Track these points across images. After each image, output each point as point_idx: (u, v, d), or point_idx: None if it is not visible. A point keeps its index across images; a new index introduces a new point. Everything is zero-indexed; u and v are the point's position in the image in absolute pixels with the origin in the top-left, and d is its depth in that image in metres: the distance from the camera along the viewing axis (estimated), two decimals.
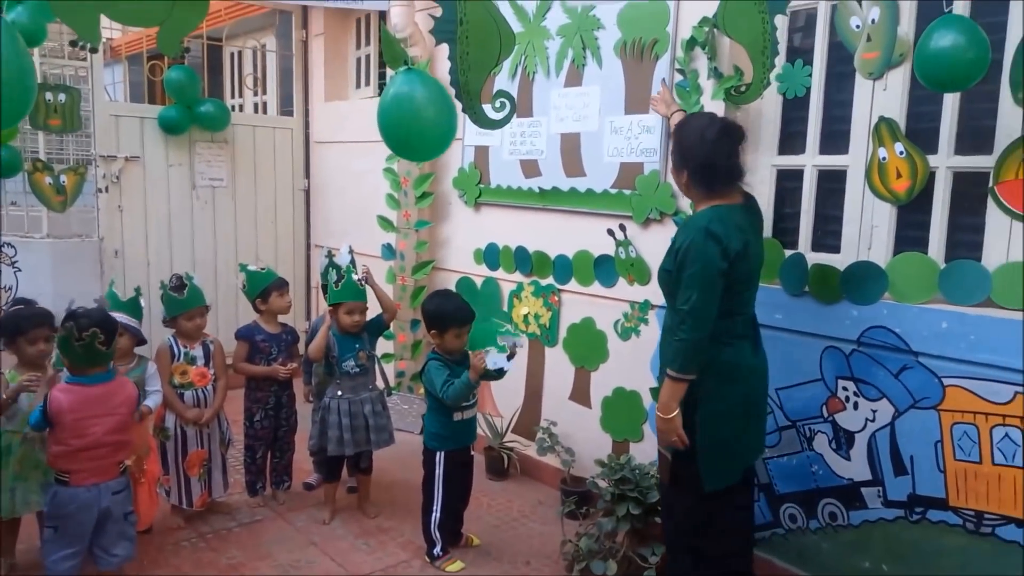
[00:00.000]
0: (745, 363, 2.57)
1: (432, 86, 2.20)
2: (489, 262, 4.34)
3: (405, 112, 2.18)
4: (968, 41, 2.26)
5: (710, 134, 2.51)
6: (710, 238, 2.42)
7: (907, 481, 2.70)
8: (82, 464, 2.68)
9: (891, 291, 2.71)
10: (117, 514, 2.78)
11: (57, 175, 4.63)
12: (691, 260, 2.42)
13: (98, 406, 2.68)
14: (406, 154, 2.41)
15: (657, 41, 3.37)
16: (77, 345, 2.61)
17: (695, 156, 2.53)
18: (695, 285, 2.40)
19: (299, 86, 5.90)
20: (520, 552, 3.37)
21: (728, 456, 2.56)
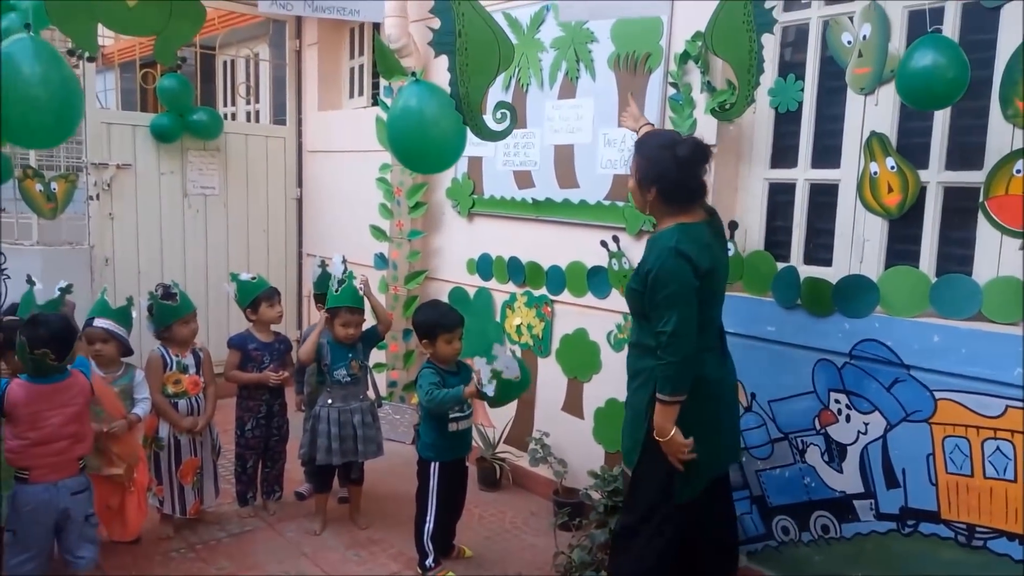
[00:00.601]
0: (711, 376, 2.55)
1: (442, 97, 2.21)
2: (482, 272, 4.35)
3: (417, 124, 2.19)
4: (949, 61, 2.30)
5: (682, 152, 2.47)
6: (681, 258, 2.41)
7: (899, 494, 2.71)
8: (41, 460, 2.70)
9: (883, 304, 2.73)
10: (77, 516, 2.79)
11: (48, 182, 4.59)
12: (664, 282, 2.41)
13: (54, 398, 2.72)
14: (417, 166, 2.40)
15: (650, 55, 3.39)
16: (29, 358, 2.65)
17: (665, 174, 2.49)
18: (673, 306, 2.39)
19: (292, 95, 5.89)
20: (512, 564, 3.36)
21: (693, 468, 2.52)
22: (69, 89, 1.91)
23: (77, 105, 2.00)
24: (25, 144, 3.29)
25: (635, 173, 2.60)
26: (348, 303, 3.45)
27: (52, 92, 1.92)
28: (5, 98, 1.86)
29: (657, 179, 2.52)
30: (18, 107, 1.88)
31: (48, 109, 1.93)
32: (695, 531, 2.64)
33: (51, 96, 1.92)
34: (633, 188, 2.64)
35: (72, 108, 2.00)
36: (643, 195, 2.57)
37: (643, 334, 2.56)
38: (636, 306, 2.59)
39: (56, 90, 1.91)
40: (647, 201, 2.58)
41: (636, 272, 2.57)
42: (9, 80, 1.86)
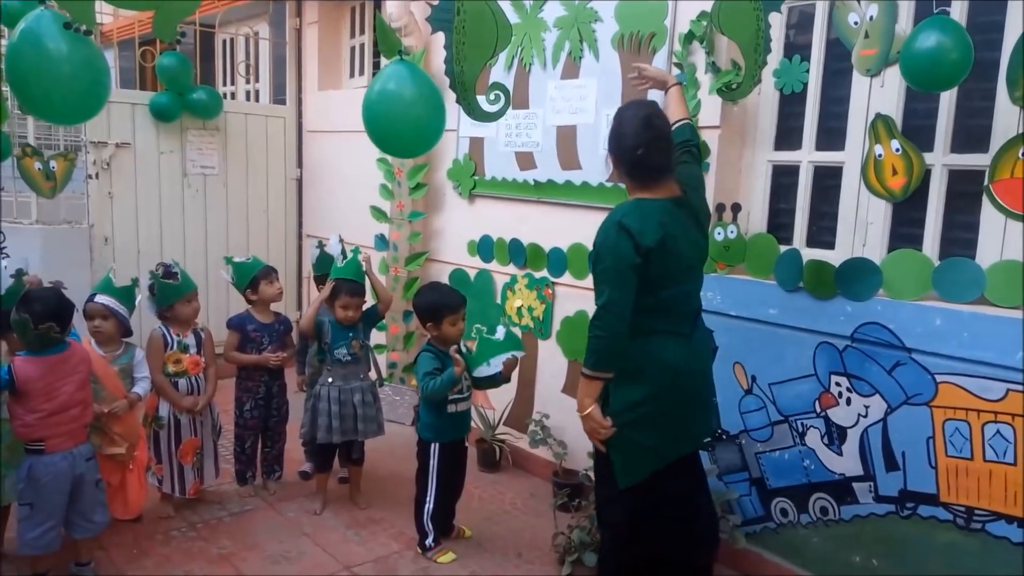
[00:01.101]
0: (669, 361, 2.44)
1: (421, 81, 2.18)
2: (483, 254, 4.33)
3: (390, 108, 2.17)
4: (952, 42, 2.27)
5: (632, 125, 2.40)
6: (622, 231, 2.33)
7: (899, 477, 2.71)
8: (56, 429, 2.75)
9: (885, 287, 2.72)
10: (91, 480, 2.86)
11: (47, 161, 4.57)
12: (603, 255, 2.37)
13: (62, 368, 2.77)
14: (390, 150, 2.38)
15: (655, 35, 3.36)
16: (34, 334, 2.68)
17: (620, 146, 2.44)
18: (608, 280, 2.36)
19: (292, 74, 5.85)
20: (512, 544, 3.37)
21: (637, 453, 2.48)
22: (96, 66, 1.91)
23: (104, 81, 1.99)
24: (53, 119, 3.27)
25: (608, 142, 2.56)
26: (351, 276, 3.45)
27: (77, 68, 1.92)
28: (31, 74, 1.86)
29: (613, 150, 2.48)
30: (44, 82, 1.88)
31: (75, 85, 1.93)
32: (651, 514, 2.56)
33: (76, 72, 1.92)
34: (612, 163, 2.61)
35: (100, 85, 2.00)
36: (617, 170, 2.53)
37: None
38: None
39: (82, 66, 1.91)
40: (619, 175, 2.54)
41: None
42: (33, 55, 1.86)
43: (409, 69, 2.23)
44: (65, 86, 1.94)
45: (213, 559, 3.16)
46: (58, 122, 3.97)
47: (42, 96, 1.96)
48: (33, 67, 1.90)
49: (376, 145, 2.45)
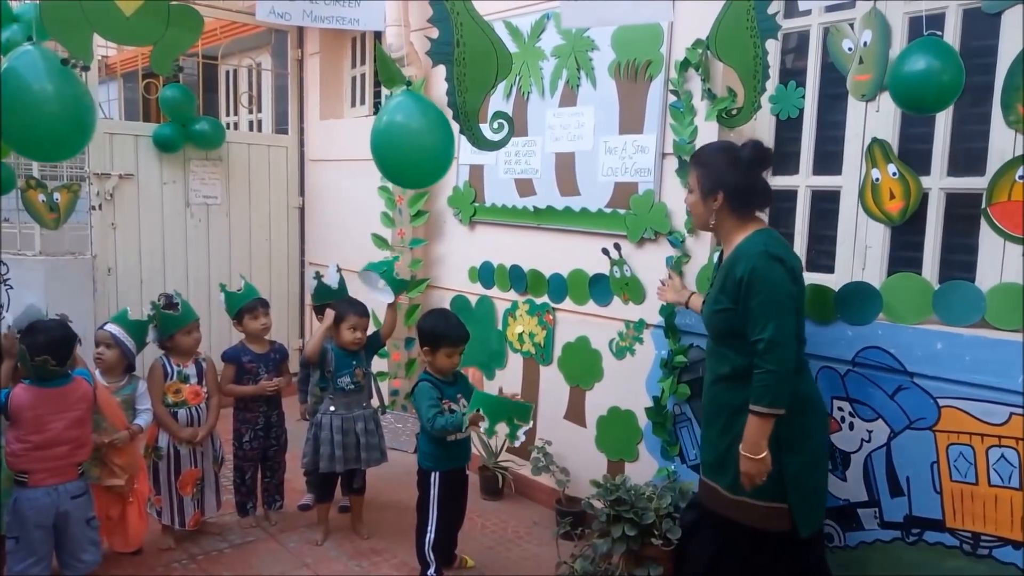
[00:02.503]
0: (816, 392, 2.51)
1: (430, 111, 2.20)
2: (484, 280, 4.34)
3: (400, 139, 2.18)
4: (943, 64, 2.27)
5: (745, 154, 2.46)
6: (774, 260, 2.33)
7: (903, 502, 2.69)
8: (41, 464, 2.74)
9: (886, 311, 2.71)
10: (78, 518, 2.84)
11: (50, 192, 4.60)
12: (758, 287, 2.31)
13: (57, 403, 2.76)
14: (400, 181, 2.39)
15: (651, 62, 3.39)
16: (32, 365, 2.69)
17: (730, 177, 2.45)
18: (769, 313, 2.29)
19: (294, 104, 5.91)
20: (515, 573, 3.34)
21: (819, 492, 2.50)
22: (82, 104, 1.92)
23: (90, 120, 2.00)
24: (37, 157, 3.30)
25: (697, 185, 2.52)
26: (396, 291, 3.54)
27: (65, 106, 1.93)
28: (15, 112, 1.87)
29: (722, 183, 2.45)
30: (28, 121, 1.89)
31: (61, 123, 1.94)
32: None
33: (64, 110, 1.93)
34: (694, 202, 2.55)
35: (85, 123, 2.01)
36: (707, 205, 2.49)
37: (737, 359, 2.43)
38: (726, 327, 2.46)
39: (69, 104, 1.92)
40: (712, 211, 2.49)
41: (721, 290, 2.45)
42: (16, 93, 1.87)
43: (416, 100, 2.25)
44: (48, 125, 1.94)
45: None
46: (39, 159, 4.02)
47: (24, 135, 1.96)
48: (16, 106, 1.90)
49: (385, 176, 2.46)
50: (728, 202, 2.47)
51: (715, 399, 2.57)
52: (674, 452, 3.41)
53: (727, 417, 2.49)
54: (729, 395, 2.48)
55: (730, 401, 2.48)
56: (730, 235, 2.51)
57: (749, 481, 2.38)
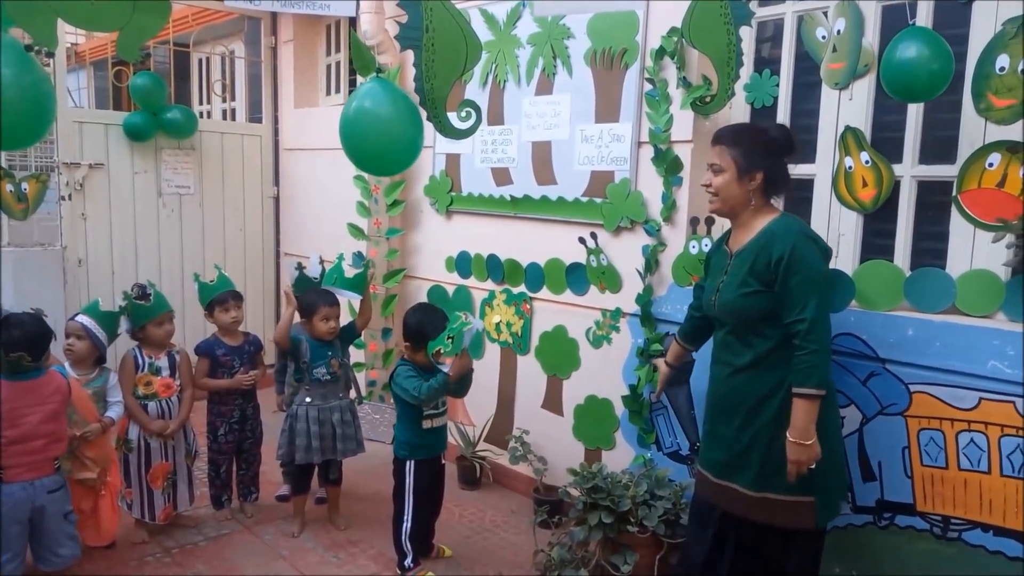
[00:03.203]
0: (833, 384, 2.47)
1: (399, 99, 2.17)
2: (461, 270, 4.32)
3: (368, 126, 2.15)
4: (932, 53, 2.31)
5: (778, 136, 2.45)
6: (811, 241, 2.35)
7: (875, 487, 2.72)
8: (16, 459, 2.69)
9: (858, 298, 2.74)
10: (54, 512, 2.79)
11: (19, 182, 4.52)
12: (798, 267, 2.28)
13: (30, 396, 2.71)
14: (368, 168, 2.36)
15: (627, 50, 3.38)
16: (5, 360, 2.65)
17: (767, 159, 2.42)
18: (810, 292, 2.26)
19: (268, 92, 5.84)
20: (493, 562, 3.34)
21: (841, 484, 2.50)
22: (41, 90, 1.87)
23: (50, 107, 1.95)
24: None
25: (732, 164, 2.42)
26: (357, 291, 3.51)
27: (24, 93, 1.88)
28: None
29: (761, 163, 2.40)
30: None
31: (19, 110, 1.89)
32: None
33: (23, 97, 1.88)
34: (726, 182, 2.44)
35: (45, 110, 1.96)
36: (744, 185, 2.42)
37: (761, 345, 2.40)
38: (757, 310, 2.39)
39: (28, 91, 1.87)
40: (748, 191, 2.42)
41: (750, 272, 2.38)
42: None
43: (385, 87, 2.21)
44: (7, 111, 1.89)
45: None
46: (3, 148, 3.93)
47: None
48: None
49: (354, 164, 2.43)
50: (764, 182, 2.42)
51: (733, 391, 2.48)
52: (650, 440, 3.43)
53: (750, 408, 2.43)
54: (751, 384, 2.43)
55: (753, 391, 2.42)
56: (752, 219, 2.46)
57: (796, 470, 2.31)
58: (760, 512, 2.45)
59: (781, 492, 2.39)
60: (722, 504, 2.56)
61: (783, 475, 2.35)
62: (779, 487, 2.39)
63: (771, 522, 2.45)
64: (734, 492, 2.50)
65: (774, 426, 2.38)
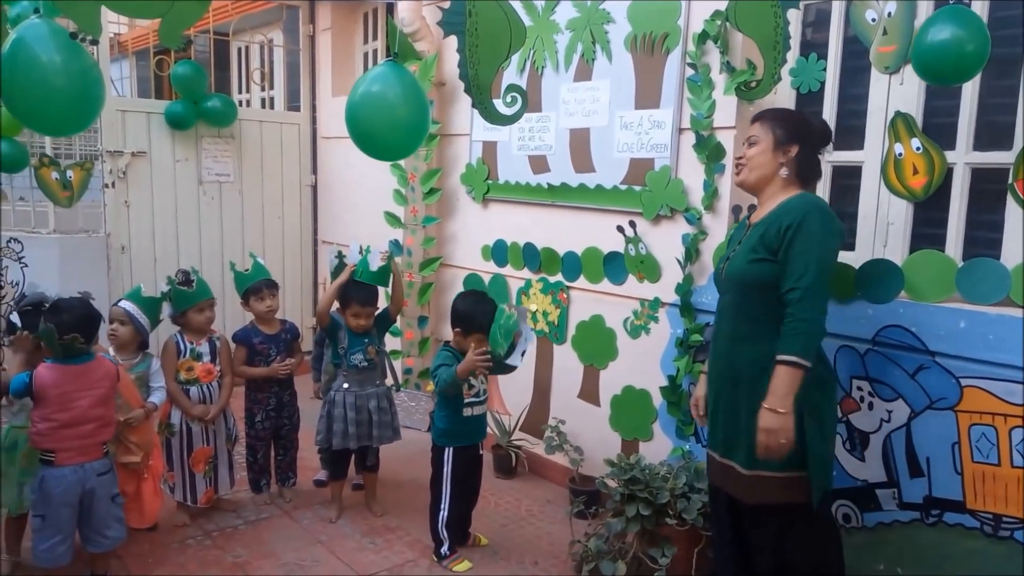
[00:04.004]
0: (831, 371, 2.45)
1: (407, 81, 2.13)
2: (497, 258, 4.30)
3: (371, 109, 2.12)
4: (968, 34, 2.20)
5: (817, 124, 2.49)
6: (826, 216, 2.29)
7: (923, 483, 2.65)
8: (68, 442, 2.72)
9: (908, 289, 2.65)
10: (103, 495, 2.82)
11: (63, 170, 4.61)
12: (805, 235, 2.24)
13: (80, 380, 2.74)
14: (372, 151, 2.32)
15: (668, 35, 3.32)
16: (59, 343, 2.67)
17: (806, 137, 2.40)
18: (811, 261, 2.22)
19: (306, 81, 5.86)
20: (528, 552, 3.33)
21: (829, 464, 2.44)
22: (89, 77, 1.88)
23: (98, 94, 1.96)
24: (45, 131, 3.26)
25: (768, 134, 2.40)
26: (379, 283, 3.46)
27: (72, 80, 1.89)
28: (22, 84, 1.84)
29: (798, 137, 2.38)
30: (35, 94, 1.86)
31: (68, 97, 1.90)
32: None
33: (71, 84, 1.89)
34: (759, 152, 2.41)
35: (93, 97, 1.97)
36: (776, 156, 2.39)
37: (759, 313, 2.35)
38: (758, 278, 2.34)
39: (76, 78, 1.88)
40: (780, 163, 2.39)
41: (760, 240, 2.34)
42: (25, 66, 1.83)
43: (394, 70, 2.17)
44: (57, 98, 1.90)
45: (228, 567, 3.14)
46: (47, 133, 3.99)
47: (31, 108, 1.93)
48: (24, 79, 1.87)
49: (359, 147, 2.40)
50: (798, 158, 2.39)
51: (733, 363, 2.45)
52: (689, 432, 3.38)
53: (747, 380, 2.38)
54: (750, 355, 2.38)
55: (752, 362, 2.37)
56: (777, 194, 2.41)
57: (766, 439, 2.24)
58: (753, 493, 2.41)
59: (774, 469, 2.35)
60: (725, 486, 2.53)
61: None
62: (772, 464, 2.33)
63: (765, 501, 2.41)
64: (733, 472, 2.47)
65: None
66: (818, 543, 2.47)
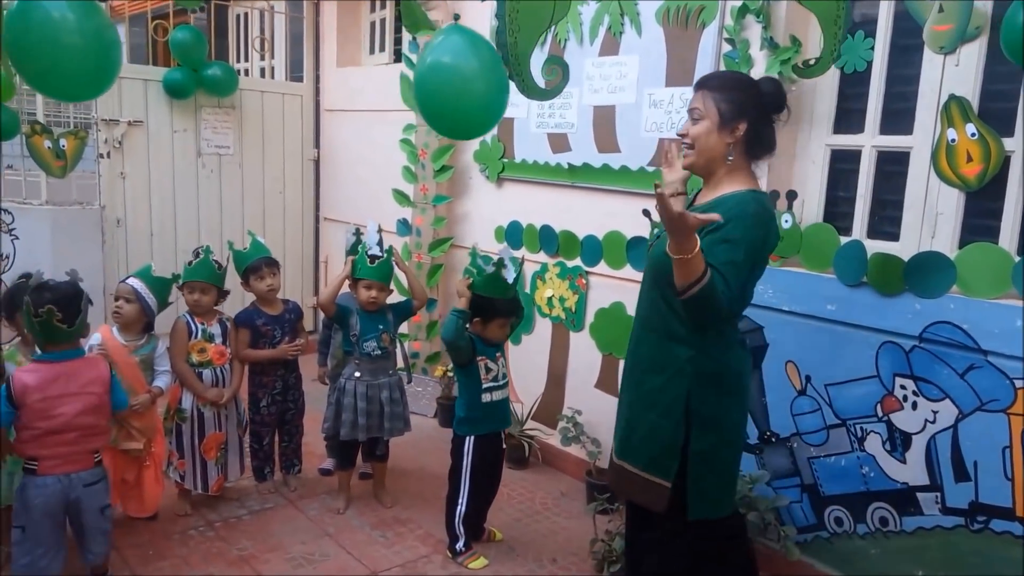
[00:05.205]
0: (745, 369, 2.24)
1: (483, 49, 1.96)
2: (511, 241, 4.13)
3: (450, 82, 1.95)
4: None
5: (767, 88, 2.14)
6: (763, 209, 2.07)
7: (969, 488, 2.52)
8: (51, 450, 2.44)
9: (959, 284, 2.51)
10: (90, 507, 2.53)
11: (57, 139, 4.40)
12: (735, 223, 1.99)
13: (66, 384, 2.45)
14: (448, 130, 2.14)
15: (704, 8, 3.14)
16: (35, 321, 2.39)
17: (754, 110, 2.10)
18: (733, 250, 1.98)
19: (310, 51, 5.63)
20: (546, 548, 3.21)
21: (727, 476, 2.26)
22: (106, 38, 1.70)
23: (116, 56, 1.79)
24: (59, 96, 2.98)
25: (713, 111, 2.12)
26: (378, 278, 3.25)
27: (87, 40, 1.72)
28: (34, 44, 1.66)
29: (746, 113, 2.09)
30: (48, 54, 1.68)
31: (84, 58, 1.73)
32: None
33: (86, 44, 1.72)
34: (704, 132, 2.13)
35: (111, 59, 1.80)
36: (723, 137, 2.12)
37: (667, 312, 2.14)
38: (671, 274, 1.99)
39: (92, 37, 1.71)
40: (728, 144, 2.12)
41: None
42: (35, 23, 1.66)
43: (467, 36, 1.98)
44: (72, 60, 1.74)
45: (233, 561, 3.00)
46: (64, 99, 3.74)
47: (47, 70, 1.76)
48: (37, 39, 1.70)
49: (431, 125, 2.23)
50: (747, 136, 2.11)
51: (635, 351, 2.31)
52: None
53: (642, 371, 2.24)
54: (652, 348, 2.22)
55: (652, 354, 2.21)
56: (722, 180, 2.16)
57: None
58: (618, 485, 2.33)
59: (635, 463, 2.24)
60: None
61: (647, 446, 2.20)
62: (636, 458, 2.24)
63: (627, 497, 2.32)
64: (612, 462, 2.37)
65: (655, 397, 2.19)
66: (677, 561, 2.27)
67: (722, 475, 2.25)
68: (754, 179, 2.21)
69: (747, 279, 2.10)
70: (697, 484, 2.18)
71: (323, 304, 3.30)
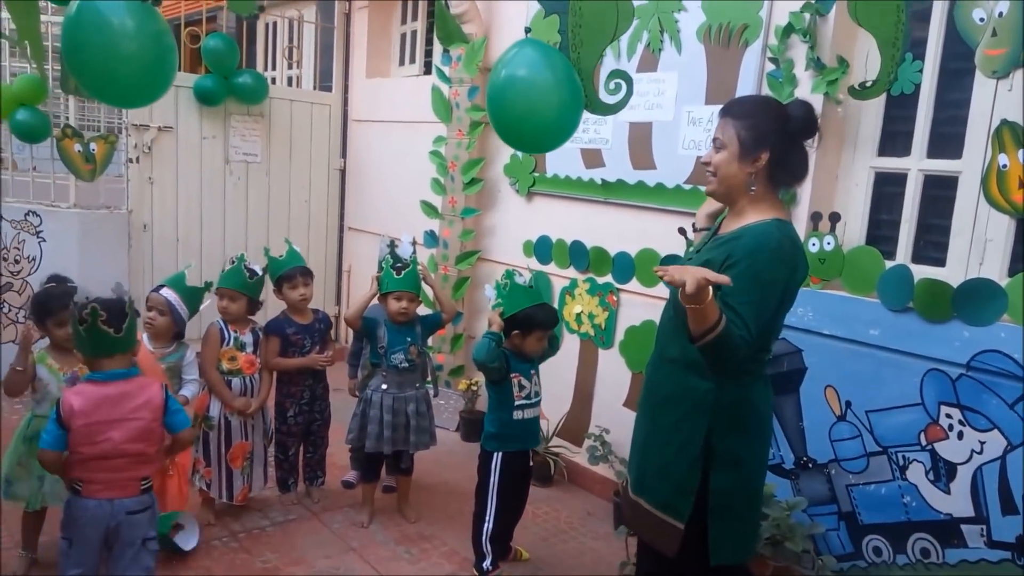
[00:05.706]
0: (768, 410, 2.16)
1: (558, 62, 1.92)
2: (540, 256, 4.10)
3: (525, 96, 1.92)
4: None
5: (796, 114, 2.04)
6: (785, 242, 1.97)
7: (1017, 521, 2.46)
8: (95, 474, 2.32)
9: (1010, 312, 2.46)
10: (131, 538, 2.38)
11: (87, 143, 4.41)
12: (754, 257, 1.93)
13: (114, 408, 2.30)
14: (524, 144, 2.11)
15: (747, 26, 3.11)
16: (82, 329, 2.25)
17: (778, 138, 2.01)
18: (752, 288, 1.91)
19: (339, 61, 5.64)
20: (574, 569, 3.15)
21: (748, 520, 2.17)
22: (163, 44, 1.68)
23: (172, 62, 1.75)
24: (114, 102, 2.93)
25: (734, 139, 2.04)
26: (407, 288, 3.22)
27: (145, 46, 1.69)
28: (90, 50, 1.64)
29: (768, 142, 2.00)
30: (105, 61, 1.66)
31: (141, 64, 1.70)
32: None
33: (144, 51, 1.69)
34: (725, 161, 2.06)
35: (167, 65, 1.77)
36: (744, 166, 2.03)
37: (687, 345, 1.95)
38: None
39: (150, 43, 1.68)
40: (748, 174, 2.03)
41: (707, 262, 2.01)
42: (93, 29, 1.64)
43: (540, 49, 1.95)
44: (130, 66, 1.71)
45: (257, 572, 2.96)
46: (121, 105, 3.73)
47: (105, 77, 1.73)
48: (92, 43, 1.68)
49: (505, 140, 2.21)
50: (769, 165, 2.03)
51: (652, 381, 2.23)
52: None
53: (658, 404, 2.16)
54: (670, 379, 2.13)
55: (669, 386, 2.12)
56: (746, 209, 2.07)
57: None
58: (635, 521, 2.24)
59: (652, 503, 2.15)
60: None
61: (661, 484, 2.12)
62: (652, 496, 2.15)
63: (642, 535, 2.23)
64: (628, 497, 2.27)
65: (670, 434, 2.10)
66: None
67: (743, 517, 2.15)
68: (780, 207, 2.11)
69: (773, 316, 2.02)
70: (719, 527, 2.07)
71: (349, 321, 3.28)
